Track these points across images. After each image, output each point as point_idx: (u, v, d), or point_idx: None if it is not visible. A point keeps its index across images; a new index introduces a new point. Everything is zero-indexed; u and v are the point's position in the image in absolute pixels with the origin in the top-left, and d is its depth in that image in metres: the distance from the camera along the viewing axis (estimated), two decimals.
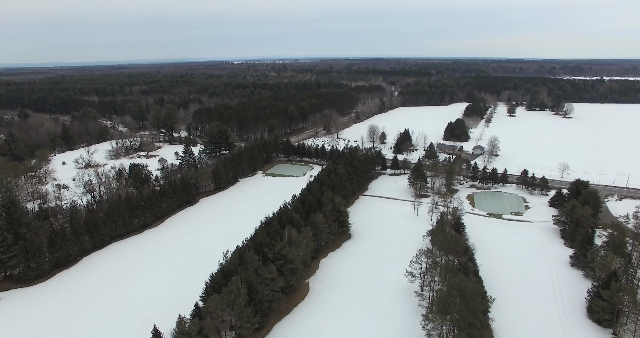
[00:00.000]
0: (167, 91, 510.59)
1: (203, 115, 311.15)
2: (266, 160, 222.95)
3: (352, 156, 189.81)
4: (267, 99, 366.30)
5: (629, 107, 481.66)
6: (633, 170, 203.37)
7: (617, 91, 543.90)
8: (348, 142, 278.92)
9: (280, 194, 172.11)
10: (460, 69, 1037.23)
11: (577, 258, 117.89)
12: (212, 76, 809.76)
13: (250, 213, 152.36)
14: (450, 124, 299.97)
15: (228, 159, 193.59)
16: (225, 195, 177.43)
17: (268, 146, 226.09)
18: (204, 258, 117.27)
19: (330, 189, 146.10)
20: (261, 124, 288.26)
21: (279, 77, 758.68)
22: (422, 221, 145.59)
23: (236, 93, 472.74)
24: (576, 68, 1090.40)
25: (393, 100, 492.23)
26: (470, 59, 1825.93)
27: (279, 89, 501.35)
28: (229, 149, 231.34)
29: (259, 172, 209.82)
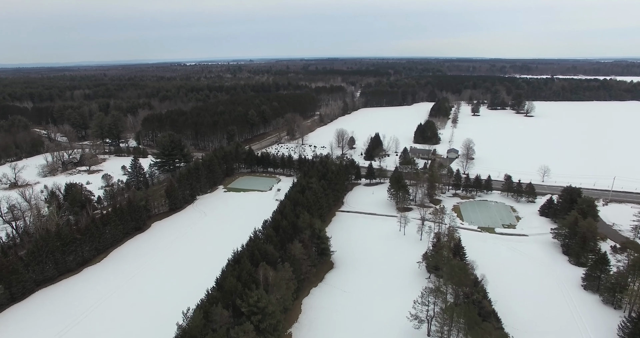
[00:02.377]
0: (113, 96, 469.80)
1: (154, 122, 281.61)
2: (227, 173, 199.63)
3: (324, 166, 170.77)
4: (225, 103, 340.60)
5: (581, 104, 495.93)
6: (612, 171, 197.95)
7: (569, 89, 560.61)
8: (315, 148, 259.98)
9: (246, 213, 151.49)
10: (417, 68, 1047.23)
11: (590, 279, 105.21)
12: (164, 78, 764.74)
13: (212, 240, 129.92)
14: (420, 126, 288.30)
15: (184, 174, 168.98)
16: (181, 217, 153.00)
17: (229, 156, 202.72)
18: (157, 310, 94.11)
19: (306, 209, 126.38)
20: (219, 131, 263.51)
21: (235, 78, 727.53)
22: (412, 242, 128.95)
23: (190, 97, 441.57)
24: (524, 67, 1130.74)
25: (355, 101, 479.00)
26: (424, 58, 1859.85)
27: (236, 92, 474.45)
28: (184, 161, 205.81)
29: (219, 187, 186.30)
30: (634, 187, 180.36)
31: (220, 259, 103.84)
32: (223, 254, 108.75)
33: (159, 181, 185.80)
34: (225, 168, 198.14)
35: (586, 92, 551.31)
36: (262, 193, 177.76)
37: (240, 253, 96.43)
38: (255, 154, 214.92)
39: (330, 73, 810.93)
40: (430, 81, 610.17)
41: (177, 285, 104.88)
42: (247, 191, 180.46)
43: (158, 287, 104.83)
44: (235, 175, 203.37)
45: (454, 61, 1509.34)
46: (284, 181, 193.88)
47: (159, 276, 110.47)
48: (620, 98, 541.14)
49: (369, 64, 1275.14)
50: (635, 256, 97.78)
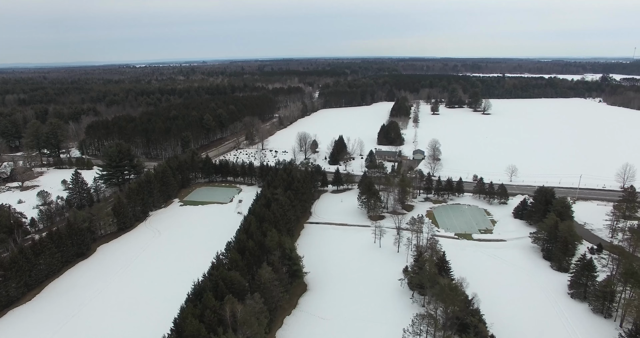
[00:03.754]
0: (53, 101, 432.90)
1: (99, 129, 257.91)
2: (183, 184, 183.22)
3: (289, 174, 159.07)
4: (178, 107, 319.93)
5: (531, 101, 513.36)
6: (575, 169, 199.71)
7: (519, 87, 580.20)
8: (276, 153, 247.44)
9: (206, 230, 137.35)
10: (373, 68, 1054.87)
11: (576, 287, 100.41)
12: (111, 81, 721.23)
13: (169, 265, 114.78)
14: (383, 127, 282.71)
15: (134, 188, 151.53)
16: (132, 238, 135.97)
17: (184, 166, 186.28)
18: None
19: (273, 225, 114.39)
20: (173, 138, 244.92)
21: (188, 81, 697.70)
22: (389, 255, 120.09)
23: (140, 101, 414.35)
24: (475, 66, 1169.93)
25: (314, 102, 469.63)
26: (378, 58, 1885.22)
27: (190, 95, 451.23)
28: (134, 172, 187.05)
29: (174, 200, 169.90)
30: (596, 184, 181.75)
31: (178, 290, 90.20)
32: (181, 283, 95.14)
33: (105, 197, 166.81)
34: (180, 179, 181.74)
35: (535, 89, 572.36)
36: (222, 205, 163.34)
37: (202, 285, 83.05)
38: (213, 162, 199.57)
39: (287, 74, 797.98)
40: (388, 80, 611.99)
41: (126, 327, 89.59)
42: (205, 203, 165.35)
43: (103, 331, 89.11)
44: (192, 186, 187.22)
45: (407, 60, 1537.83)
46: (246, 190, 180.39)
47: (104, 315, 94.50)
48: (565, 95, 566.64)
49: (324, 64, 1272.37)
50: (624, 263, 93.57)
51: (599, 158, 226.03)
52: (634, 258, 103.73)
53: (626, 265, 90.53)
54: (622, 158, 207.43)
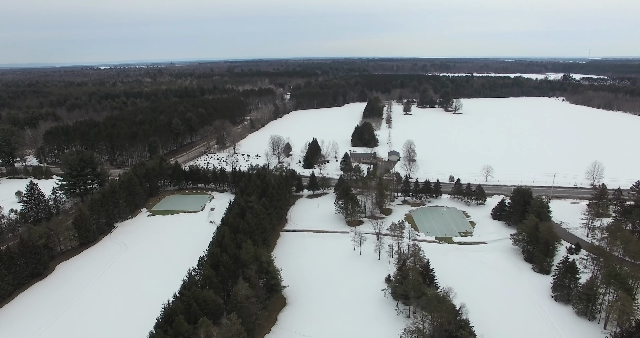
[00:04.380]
0: (7, 105, 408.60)
1: (59, 135, 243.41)
2: (151, 192, 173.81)
3: (263, 180, 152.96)
4: (145, 111, 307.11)
5: (500, 100, 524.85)
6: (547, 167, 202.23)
7: (487, 87, 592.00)
8: (249, 157, 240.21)
9: (177, 242, 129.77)
10: (343, 68, 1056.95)
11: (559, 289, 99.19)
12: (73, 84, 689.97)
13: (137, 283, 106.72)
14: (357, 128, 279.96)
15: (97, 199, 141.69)
16: (96, 253, 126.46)
17: (151, 173, 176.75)
18: None
19: (248, 236, 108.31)
20: (140, 144, 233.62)
21: (156, 83, 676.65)
22: (370, 262, 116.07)
23: (104, 105, 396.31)
24: (444, 65, 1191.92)
25: (286, 103, 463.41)
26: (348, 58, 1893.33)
27: (157, 98, 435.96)
28: (98, 181, 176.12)
29: (142, 210, 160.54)
30: (567, 182, 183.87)
31: (147, 314, 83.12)
32: (150, 305, 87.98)
33: (66, 210, 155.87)
34: (148, 187, 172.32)
35: (502, 89, 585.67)
36: (193, 214, 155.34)
37: (173, 307, 76.25)
38: (183, 168, 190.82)
39: (257, 75, 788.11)
40: (360, 81, 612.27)
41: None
42: (175, 213, 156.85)
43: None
44: (161, 194, 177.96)
45: (377, 61, 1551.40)
46: (218, 198, 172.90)
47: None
48: (530, 94, 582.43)
49: (295, 65, 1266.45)
50: (607, 265, 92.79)
51: (569, 156, 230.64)
52: (614, 258, 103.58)
53: (609, 268, 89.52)
54: (591, 156, 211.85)
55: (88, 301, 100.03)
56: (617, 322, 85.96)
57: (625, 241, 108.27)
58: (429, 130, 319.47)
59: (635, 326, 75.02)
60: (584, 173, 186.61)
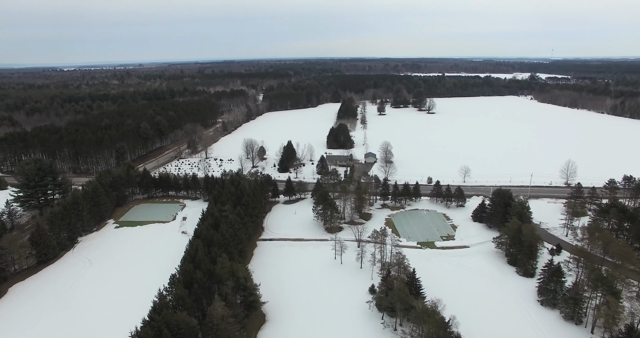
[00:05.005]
0: None
1: (16, 142, 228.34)
2: (118, 202, 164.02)
3: (237, 187, 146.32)
4: (111, 115, 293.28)
5: (471, 100, 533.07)
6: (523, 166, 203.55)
7: (459, 86, 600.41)
8: (222, 162, 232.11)
9: (147, 256, 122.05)
10: (316, 69, 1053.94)
11: (545, 293, 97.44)
12: (33, 86, 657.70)
13: (101, 305, 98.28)
14: (332, 130, 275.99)
15: (57, 212, 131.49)
16: (56, 272, 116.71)
17: (118, 181, 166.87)
18: None
19: (223, 249, 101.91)
20: (106, 150, 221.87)
21: (123, 85, 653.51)
22: (352, 272, 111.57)
23: (67, 108, 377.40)
24: (415, 65, 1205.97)
25: (259, 105, 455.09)
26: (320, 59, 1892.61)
27: (125, 101, 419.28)
28: (59, 192, 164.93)
29: (108, 221, 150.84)
30: (542, 181, 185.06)
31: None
32: (117, 330, 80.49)
33: (21, 225, 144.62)
34: (115, 196, 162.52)
35: (473, 88, 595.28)
36: (164, 224, 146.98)
37: (142, 335, 69.27)
38: (152, 175, 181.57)
39: (229, 76, 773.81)
40: (333, 81, 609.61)
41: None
42: (145, 223, 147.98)
43: None
44: (129, 204, 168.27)
45: (349, 61, 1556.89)
46: (190, 206, 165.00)
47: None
48: (500, 93, 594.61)
49: (267, 65, 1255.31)
50: (593, 268, 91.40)
51: (543, 155, 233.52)
52: (596, 259, 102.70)
53: (596, 272, 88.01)
54: (563, 155, 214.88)
55: (45, 329, 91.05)
56: (604, 328, 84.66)
57: (606, 242, 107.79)
58: (405, 130, 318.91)
59: (626, 331, 73.22)
60: (558, 171, 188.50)
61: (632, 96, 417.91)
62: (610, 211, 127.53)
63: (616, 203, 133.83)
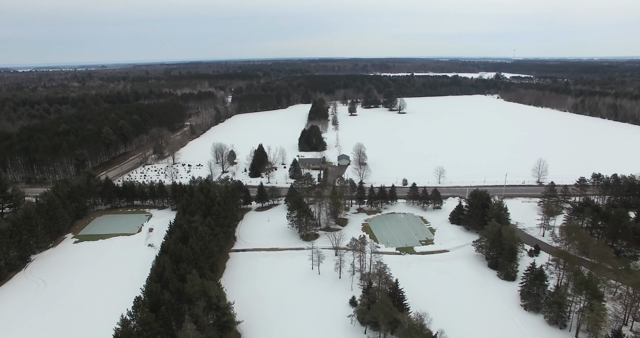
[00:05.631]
0: None
1: None
2: (77, 214, 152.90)
3: (207, 195, 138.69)
4: (70, 119, 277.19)
5: (440, 99, 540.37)
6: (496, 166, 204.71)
7: (428, 86, 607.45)
8: (190, 168, 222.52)
9: (110, 274, 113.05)
10: (285, 69, 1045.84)
11: (528, 298, 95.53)
12: None
13: (58, 331, 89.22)
14: (304, 132, 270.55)
15: (5, 229, 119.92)
16: (5, 295, 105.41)
17: (77, 192, 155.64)
18: None
19: (193, 265, 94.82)
20: (64, 157, 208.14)
21: (84, 87, 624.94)
22: (331, 282, 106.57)
23: (21, 113, 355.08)
24: (383, 65, 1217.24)
25: (228, 107, 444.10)
26: (289, 59, 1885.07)
27: (86, 104, 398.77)
28: (9, 205, 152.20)
29: (66, 236, 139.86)
30: (515, 180, 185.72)
31: None
32: None
33: None
34: (74, 208, 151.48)
35: (442, 87, 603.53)
36: (128, 237, 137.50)
37: None
38: (115, 184, 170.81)
39: (196, 78, 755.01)
40: (303, 82, 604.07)
41: None
42: (107, 237, 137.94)
43: None
44: (90, 216, 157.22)
45: (318, 61, 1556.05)
46: (157, 216, 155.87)
47: None
48: (468, 92, 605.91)
49: (235, 66, 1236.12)
50: (576, 271, 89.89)
51: (514, 154, 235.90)
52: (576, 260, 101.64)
53: (581, 276, 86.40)
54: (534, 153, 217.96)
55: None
56: (589, 332, 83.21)
57: (584, 242, 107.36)
58: (377, 131, 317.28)
59: (613, 337, 71.44)
60: (530, 171, 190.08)
61: (591, 95, 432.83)
62: (584, 211, 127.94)
63: (590, 202, 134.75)
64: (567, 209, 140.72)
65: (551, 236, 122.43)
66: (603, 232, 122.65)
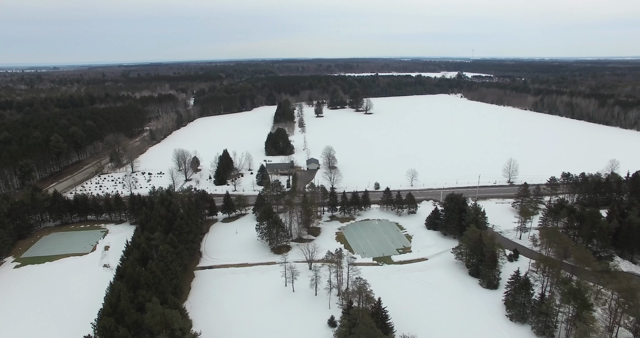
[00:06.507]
0: None
1: None
2: (20, 233, 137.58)
3: (168, 208, 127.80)
4: (13, 126, 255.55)
5: (405, 99, 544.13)
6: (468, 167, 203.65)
7: (393, 86, 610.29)
8: (150, 176, 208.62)
9: (57, 303, 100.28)
10: (248, 70, 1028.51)
11: (513, 307, 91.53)
12: None
13: None
14: (270, 135, 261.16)
15: None
16: None
17: (20, 209, 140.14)
18: None
19: (154, 290, 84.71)
20: (5, 169, 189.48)
21: (32, 91, 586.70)
22: (306, 301, 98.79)
23: None
24: (347, 65, 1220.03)
25: (190, 110, 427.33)
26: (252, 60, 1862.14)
27: (34, 109, 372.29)
28: None
29: (6, 260, 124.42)
30: (487, 181, 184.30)
31: None
32: None
33: None
34: (16, 227, 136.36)
35: (407, 87, 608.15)
36: (81, 258, 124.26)
37: None
38: (66, 197, 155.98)
39: (157, 80, 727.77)
40: (267, 83, 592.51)
41: None
42: (56, 258, 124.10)
43: None
44: (36, 235, 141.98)
45: (282, 62, 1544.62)
46: (113, 232, 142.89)
47: None
48: (432, 91, 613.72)
49: (197, 68, 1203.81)
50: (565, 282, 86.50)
51: (484, 153, 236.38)
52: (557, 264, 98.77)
53: (569, 286, 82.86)
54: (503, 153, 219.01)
55: None
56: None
57: (565, 247, 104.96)
58: (345, 133, 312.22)
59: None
60: (501, 170, 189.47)
61: (548, 94, 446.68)
62: (560, 212, 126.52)
63: (564, 203, 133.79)
64: (542, 210, 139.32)
65: (531, 241, 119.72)
66: (579, 233, 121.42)
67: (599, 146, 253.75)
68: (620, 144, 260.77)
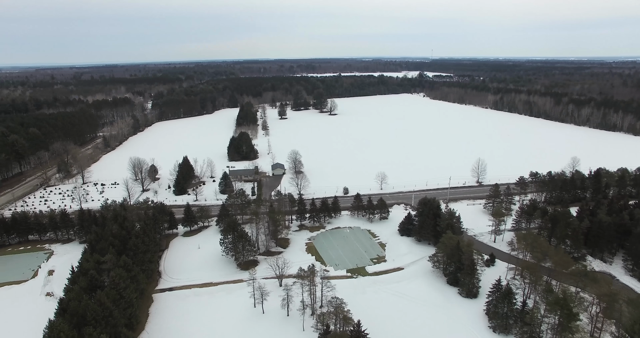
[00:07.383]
0: None
1: None
2: None
3: (122, 225, 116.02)
4: None
5: (369, 99, 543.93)
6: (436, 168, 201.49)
7: (356, 86, 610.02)
8: (103, 187, 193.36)
9: None
10: (209, 72, 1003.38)
11: (496, 318, 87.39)
12: None
13: None
14: (233, 139, 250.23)
15: None
16: None
17: None
18: None
19: (104, 324, 74.15)
20: None
21: None
22: (278, 323, 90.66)
23: None
24: (309, 66, 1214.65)
25: (148, 114, 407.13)
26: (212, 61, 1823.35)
27: None
28: None
29: None
30: (457, 182, 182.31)
31: None
32: None
33: None
34: None
35: (370, 87, 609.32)
36: (18, 286, 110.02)
37: None
38: (1, 216, 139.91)
39: (111, 82, 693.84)
40: (229, 85, 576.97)
41: None
42: None
43: None
44: None
45: (243, 63, 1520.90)
46: (59, 253, 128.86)
47: None
48: (395, 91, 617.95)
49: (155, 70, 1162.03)
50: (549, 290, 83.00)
51: (451, 154, 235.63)
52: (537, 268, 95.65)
53: (555, 296, 79.30)
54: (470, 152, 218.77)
55: None
56: None
57: (544, 251, 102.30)
58: (310, 135, 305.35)
59: None
60: (469, 171, 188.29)
61: (507, 93, 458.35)
62: (534, 214, 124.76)
63: (536, 204, 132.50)
64: (515, 211, 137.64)
65: (507, 245, 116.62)
66: (552, 234, 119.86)
67: (560, 143, 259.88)
68: (577, 141, 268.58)
